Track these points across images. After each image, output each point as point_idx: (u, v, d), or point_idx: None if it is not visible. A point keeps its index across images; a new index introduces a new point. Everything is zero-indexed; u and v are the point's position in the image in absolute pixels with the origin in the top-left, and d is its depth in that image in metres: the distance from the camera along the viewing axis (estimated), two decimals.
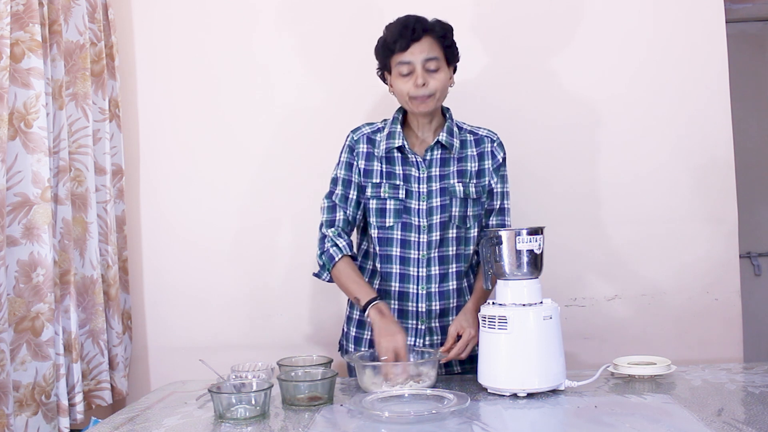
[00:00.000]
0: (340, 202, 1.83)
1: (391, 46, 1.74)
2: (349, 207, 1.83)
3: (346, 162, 1.84)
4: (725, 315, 2.30)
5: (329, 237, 1.81)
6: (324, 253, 1.80)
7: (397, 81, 1.76)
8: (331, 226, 1.82)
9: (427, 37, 1.72)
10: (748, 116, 2.98)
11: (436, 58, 1.73)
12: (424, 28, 1.72)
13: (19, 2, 1.88)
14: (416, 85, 1.72)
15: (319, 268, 1.82)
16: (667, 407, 1.40)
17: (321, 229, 1.84)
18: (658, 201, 2.32)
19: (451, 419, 1.37)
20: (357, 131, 1.87)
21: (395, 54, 1.73)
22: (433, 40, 1.73)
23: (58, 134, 2.02)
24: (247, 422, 1.42)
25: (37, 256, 1.90)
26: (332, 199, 1.84)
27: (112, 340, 2.24)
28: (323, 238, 1.82)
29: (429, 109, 1.76)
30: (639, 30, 2.32)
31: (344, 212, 1.82)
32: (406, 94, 1.75)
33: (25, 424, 1.85)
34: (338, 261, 1.77)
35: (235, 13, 2.39)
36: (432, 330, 1.82)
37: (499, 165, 1.86)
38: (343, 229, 1.82)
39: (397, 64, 1.74)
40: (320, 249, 1.82)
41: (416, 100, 1.74)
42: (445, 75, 1.76)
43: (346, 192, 1.83)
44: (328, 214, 1.84)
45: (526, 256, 1.57)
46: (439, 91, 1.75)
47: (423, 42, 1.72)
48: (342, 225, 1.82)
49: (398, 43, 1.71)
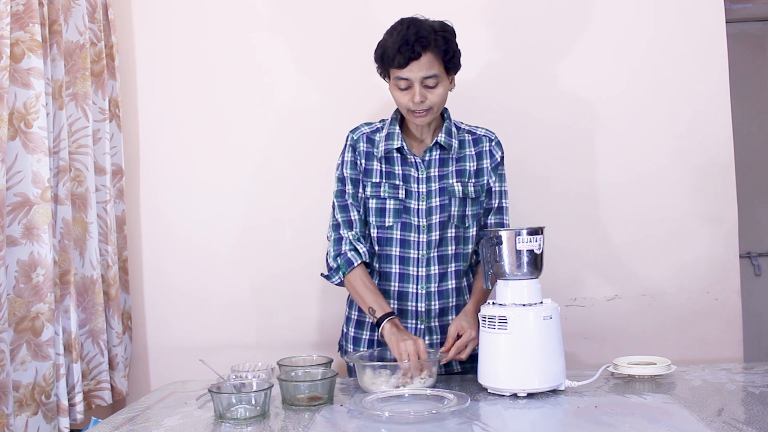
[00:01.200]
0: (353, 201, 1.81)
1: (389, 61, 1.70)
2: (361, 206, 1.82)
3: (351, 161, 1.83)
4: (725, 315, 2.30)
5: (348, 240, 1.78)
6: (341, 256, 1.77)
7: (395, 92, 1.74)
8: (349, 228, 1.80)
9: (427, 53, 1.66)
10: (748, 116, 2.99)
11: (436, 75, 1.69)
12: (423, 45, 1.65)
13: (19, 2, 1.88)
14: (414, 101, 1.70)
15: (329, 269, 1.80)
16: (667, 407, 1.40)
17: (338, 230, 1.81)
18: (658, 201, 2.32)
19: (451, 419, 1.37)
20: (356, 131, 1.86)
21: (393, 69, 1.70)
22: (434, 56, 1.67)
23: (58, 134, 2.02)
24: (247, 422, 1.42)
25: (37, 256, 1.90)
26: (344, 198, 1.82)
27: (112, 340, 2.24)
28: (340, 239, 1.79)
29: (426, 122, 1.76)
30: (639, 30, 2.32)
31: (358, 212, 1.81)
32: (404, 107, 1.74)
33: (25, 424, 1.85)
34: (356, 267, 1.76)
35: (235, 13, 2.39)
36: (431, 329, 1.82)
37: (498, 164, 1.86)
38: (361, 231, 1.80)
39: (395, 78, 1.71)
40: (336, 250, 1.79)
41: (413, 113, 1.73)
42: (443, 89, 1.73)
43: (356, 191, 1.82)
44: (342, 213, 1.81)
45: (526, 256, 1.57)
46: (437, 105, 1.73)
47: (422, 60, 1.66)
48: (360, 227, 1.80)
49: (396, 60, 1.67)
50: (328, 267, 1.81)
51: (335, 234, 1.81)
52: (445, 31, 1.71)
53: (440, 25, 1.71)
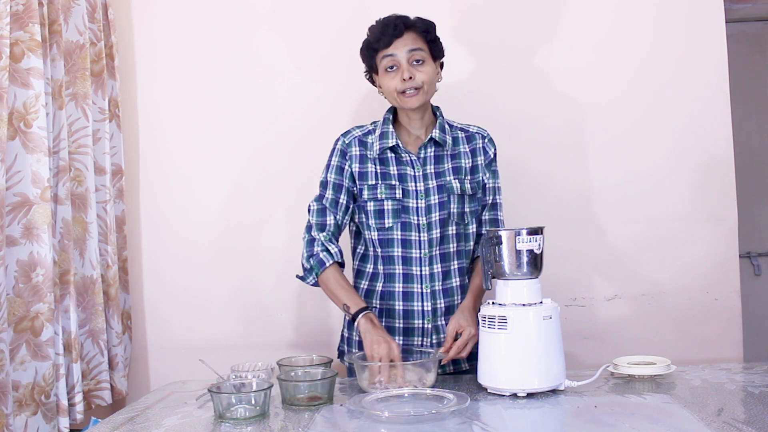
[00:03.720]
0: (331, 207, 1.82)
1: (374, 45, 1.76)
2: (339, 212, 1.82)
3: (337, 166, 1.84)
4: (725, 315, 2.30)
5: (320, 241, 1.79)
6: (313, 257, 1.78)
7: (384, 78, 1.77)
8: (321, 230, 1.81)
9: (409, 32, 1.75)
10: (748, 116, 2.99)
11: (420, 49, 1.75)
12: (405, 24, 1.75)
13: (18, 2, 1.88)
14: (403, 79, 1.73)
15: (304, 271, 1.81)
16: (667, 407, 1.40)
17: (310, 232, 1.82)
18: (658, 201, 2.32)
19: (451, 419, 1.37)
20: (347, 134, 1.86)
21: (379, 51, 1.76)
22: (416, 35, 1.76)
23: (57, 134, 2.02)
24: (247, 422, 1.42)
25: (36, 256, 1.90)
26: (322, 203, 1.83)
27: (112, 340, 2.24)
28: (312, 241, 1.81)
29: (419, 103, 1.76)
30: (639, 30, 2.32)
31: (334, 217, 1.82)
32: (394, 90, 1.75)
33: (24, 424, 1.85)
34: (328, 267, 1.76)
35: (235, 13, 2.39)
36: (438, 328, 1.81)
37: (491, 160, 1.87)
38: (334, 234, 1.82)
39: (381, 59, 1.76)
40: (308, 252, 1.80)
41: (404, 94, 1.75)
42: (431, 68, 1.76)
43: (336, 196, 1.82)
44: (317, 217, 1.83)
45: (526, 256, 1.57)
46: (427, 83, 1.75)
47: (406, 37, 1.74)
48: (333, 230, 1.81)
49: (381, 41, 1.74)
50: (303, 268, 1.82)
51: (308, 236, 1.82)
52: (424, 20, 1.79)
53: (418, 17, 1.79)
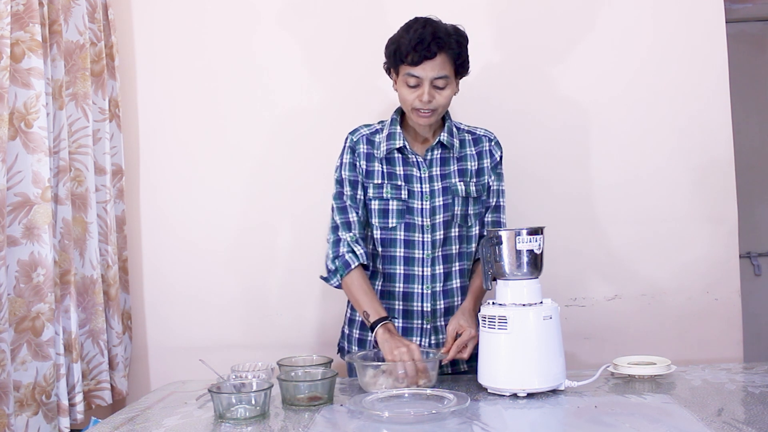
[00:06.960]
0: (352, 203, 1.81)
1: (402, 57, 1.69)
2: (360, 208, 1.82)
3: (350, 163, 1.83)
4: (725, 315, 2.30)
5: (346, 241, 1.78)
6: (338, 258, 1.77)
7: (402, 88, 1.73)
8: (347, 230, 1.79)
9: (442, 53, 1.67)
10: (748, 116, 2.98)
11: (446, 77, 1.70)
12: (439, 44, 1.66)
13: (19, 2, 1.88)
14: (422, 100, 1.70)
15: (328, 271, 1.80)
16: (667, 407, 1.40)
17: (336, 232, 1.80)
18: (658, 201, 2.32)
19: (451, 419, 1.37)
20: (355, 132, 1.86)
21: (405, 65, 1.70)
22: (447, 58, 1.68)
23: (58, 134, 2.02)
24: (247, 422, 1.42)
25: (37, 256, 1.90)
26: (342, 200, 1.82)
27: (112, 340, 2.24)
28: (338, 241, 1.79)
29: (429, 123, 1.75)
30: (639, 30, 2.32)
31: (356, 213, 1.81)
32: (409, 104, 1.73)
33: (25, 424, 1.85)
34: (353, 269, 1.75)
35: (235, 13, 2.39)
36: (437, 329, 1.82)
37: (497, 163, 1.87)
38: (360, 234, 1.80)
39: (405, 74, 1.71)
40: (334, 253, 1.79)
41: (418, 112, 1.73)
42: (451, 91, 1.73)
43: (354, 192, 1.82)
44: (341, 215, 1.81)
45: (526, 256, 1.57)
46: (442, 106, 1.73)
47: (436, 60, 1.67)
48: (358, 229, 1.80)
49: (411, 57, 1.67)
50: (327, 269, 1.81)
51: (333, 236, 1.81)
52: (459, 35, 1.72)
53: (454, 29, 1.72)
